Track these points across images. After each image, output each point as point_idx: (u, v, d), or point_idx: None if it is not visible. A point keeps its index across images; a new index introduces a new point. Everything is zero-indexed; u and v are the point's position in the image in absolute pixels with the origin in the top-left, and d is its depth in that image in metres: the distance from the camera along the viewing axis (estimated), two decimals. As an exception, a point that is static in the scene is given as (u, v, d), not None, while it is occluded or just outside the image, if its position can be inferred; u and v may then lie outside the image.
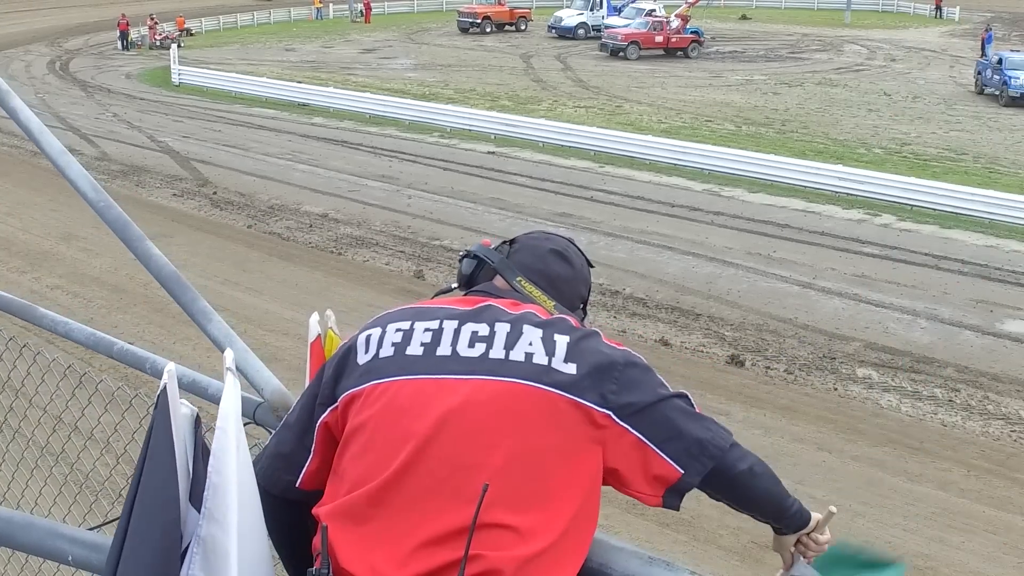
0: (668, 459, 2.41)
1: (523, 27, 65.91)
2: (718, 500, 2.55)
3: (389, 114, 39.33)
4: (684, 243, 24.28)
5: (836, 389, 17.60)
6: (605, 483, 2.46)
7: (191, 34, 62.83)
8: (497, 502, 2.29)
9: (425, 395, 2.42)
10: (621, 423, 2.40)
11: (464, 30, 65.28)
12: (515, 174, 30.86)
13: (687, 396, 2.50)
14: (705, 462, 2.42)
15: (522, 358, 2.42)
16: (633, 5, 59.42)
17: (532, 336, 2.46)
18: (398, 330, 2.54)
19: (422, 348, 2.49)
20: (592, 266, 2.92)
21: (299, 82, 45.30)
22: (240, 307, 20.05)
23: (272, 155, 33.23)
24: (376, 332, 2.56)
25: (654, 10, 56.85)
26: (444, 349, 2.47)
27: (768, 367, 18.26)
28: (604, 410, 2.39)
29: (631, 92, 45.01)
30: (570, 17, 62.72)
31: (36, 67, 52.00)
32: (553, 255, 2.79)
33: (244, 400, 3.02)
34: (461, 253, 2.87)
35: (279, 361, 17.79)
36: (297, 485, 2.57)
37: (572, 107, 41.58)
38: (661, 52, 54.63)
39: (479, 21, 64.98)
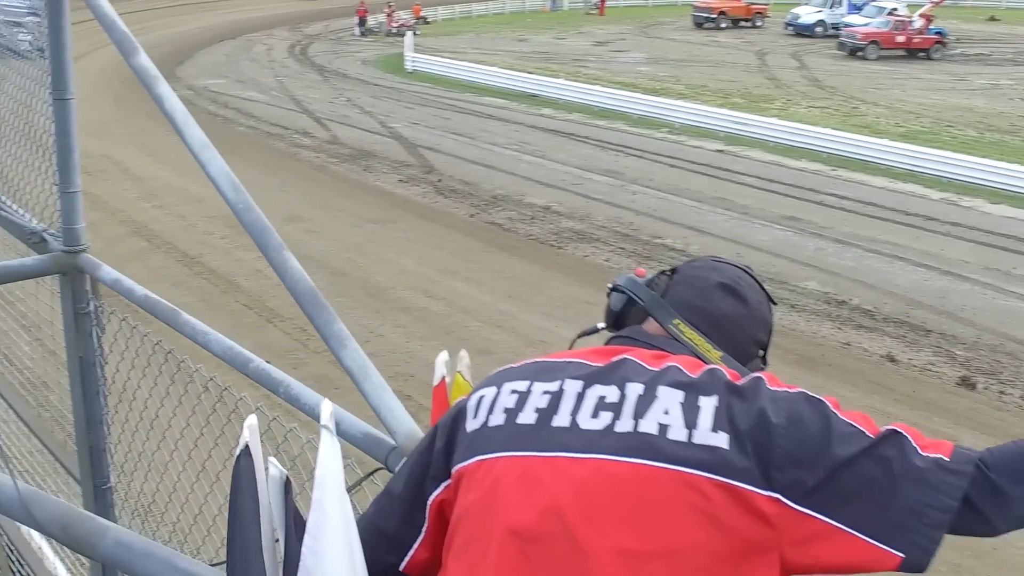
0: (877, 543, 1.80)
1: (759, 23, 64.86)
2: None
3: (618, 108, 38.95)
4: (917, 254, 23.20)
5: (1078, 420, 16.48)
6: None
7: (427, 22, 63.81)
8: None
9: (532, 479, 1.92)
10: (797, 507, 1.81)
11: (699, 25, 64.67)
12: (743, 174, 30.14)
13: (893, 435, 1.86)
14: (930, 535, 1.79)
15: (655, 430, 1.88)
16: (874, 3, 57.60)
17: (669, 401, 1.92)
18: (513, 392, 2.05)
19: (535, 416, 1.99)
20: (774, 303, 2.33)
21: (530, 73, 45.35)
22: (456, 297, 20.09)
23: (499, 145, 33.28)
24: (489, 393, 2.09)
25: (896, 9, 55.00)
26: (561, 419, 1.97)
27: (1002, 392, 17.21)
28: (770, 493, 1.82)
29: (868, 93, 43.59)
30: (808, 14, 61.41)
31: (277, 51, 53.59)
32: (720, 290, 2.23)
33: (376, 442, 2.67)
34: (608, 285, 2.37)
35: (491, 355, 17.74)
36: (401, 568, 2.15)
37: (806, 107, 40.51)
38: (902, 53, 52.85)
39: (714, 16, 64.26)
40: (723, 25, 63.98)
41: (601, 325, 2.36)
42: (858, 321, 19.65)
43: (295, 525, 1.97)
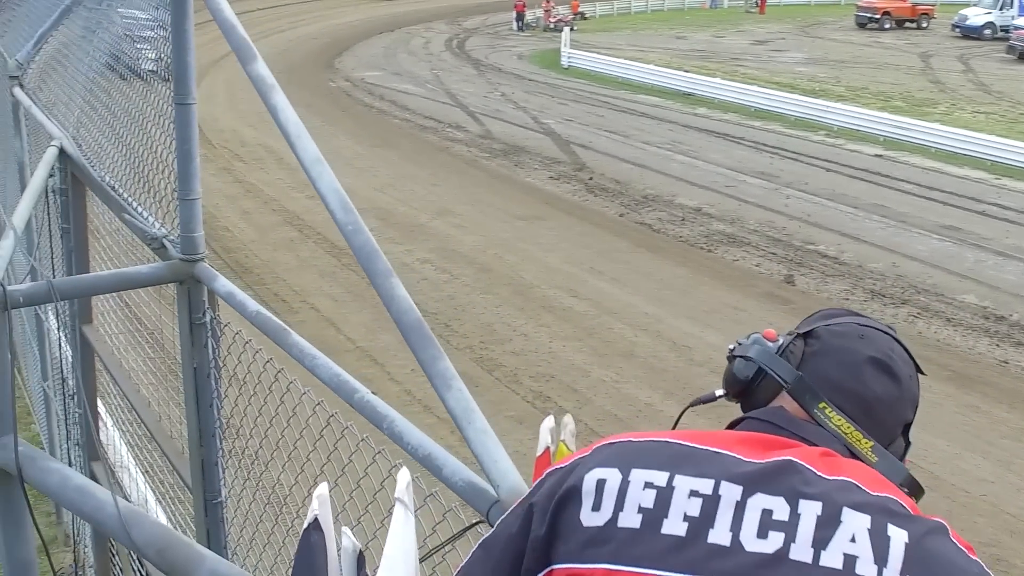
0: None
1: (924, 24, 63.32)
2: None
3: (774, 109, 38.29)
4: (1083, 270, 22.29)
5: None
6: None
7: (585, 18, 63.72)
8: None
9: None
10: None
11: (862, 25, 63.41)
12: (902, 180, 29.33)
13: None
14: None
15: (839, 564, 1.58)
16: (1048, 5, 55.85)
17: (855, 526, 1.62)
18: (648, 485, 1.72)
19: (686, 527, 1.66)
20: (922, 372, 1.98)
21: (686, 71, 44.88)
22: (601, 297, 19.87)
23: (652, 144, 32.94)
24: (613, 478, 1.75)
25: (1070, 12, 53.21)
26: (720, 534, 1.65)
27: None
28: None
29: (1038, 99, 42.21)
30: (976, 16, 59.66)
31: (434, 44, 54.00)
32: (872, 366, 1.89)
33: (479, 493, 2.42)
34: (730, 347, 2.01)
35: (634, 358, 17.59)
36: None
37: (970, 112, 39.33)
38: (1076, 58, 51.05)
39: (878, 16, 62.90)
40: (887, 26, 62.60)
41: (719, 393, 2.04)
42: (1017, 338, 18.88)
43: None
